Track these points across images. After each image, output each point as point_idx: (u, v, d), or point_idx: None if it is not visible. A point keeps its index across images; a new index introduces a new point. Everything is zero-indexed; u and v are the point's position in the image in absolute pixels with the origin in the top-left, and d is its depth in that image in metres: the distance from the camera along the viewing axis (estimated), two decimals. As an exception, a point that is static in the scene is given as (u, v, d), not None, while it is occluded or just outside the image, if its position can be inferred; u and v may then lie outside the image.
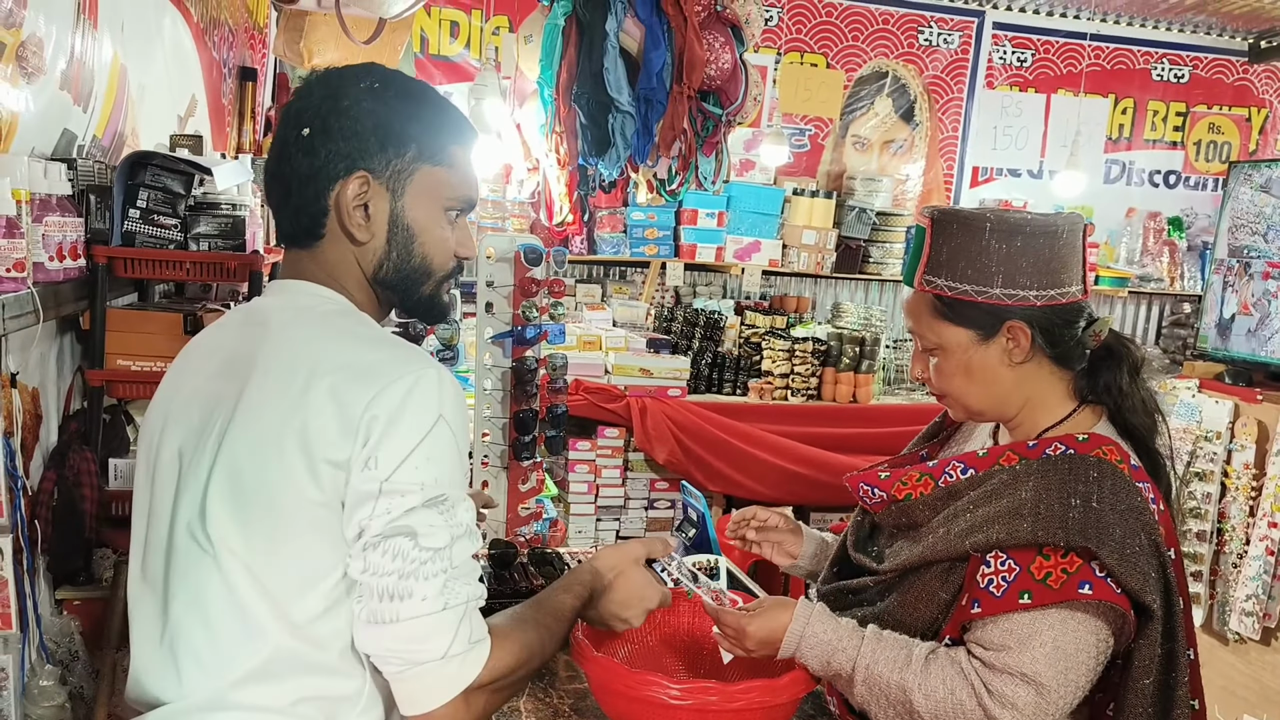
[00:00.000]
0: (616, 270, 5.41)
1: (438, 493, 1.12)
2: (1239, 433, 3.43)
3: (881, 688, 1.41)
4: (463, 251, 1.31)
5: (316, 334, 1.19)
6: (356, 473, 1.10)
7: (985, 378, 1.50)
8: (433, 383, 1.14)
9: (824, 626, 1.46)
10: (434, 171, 1.25)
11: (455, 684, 1.14)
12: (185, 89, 3.04)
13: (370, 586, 1.12)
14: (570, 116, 3.07)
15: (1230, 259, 3.59)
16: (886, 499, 1.55)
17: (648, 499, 4.35)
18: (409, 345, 1.24)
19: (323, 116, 1.20)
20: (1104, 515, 1.35)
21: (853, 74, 5.62)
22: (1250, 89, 6.18)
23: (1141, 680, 1.37)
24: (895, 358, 5.20)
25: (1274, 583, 3.27)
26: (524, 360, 2.30)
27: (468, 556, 1.16)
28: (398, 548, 1.10)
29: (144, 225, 2.20)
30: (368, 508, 1.11)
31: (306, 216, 1.23)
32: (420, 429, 1.12)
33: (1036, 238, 1.45)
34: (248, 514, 1.14)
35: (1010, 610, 1.36)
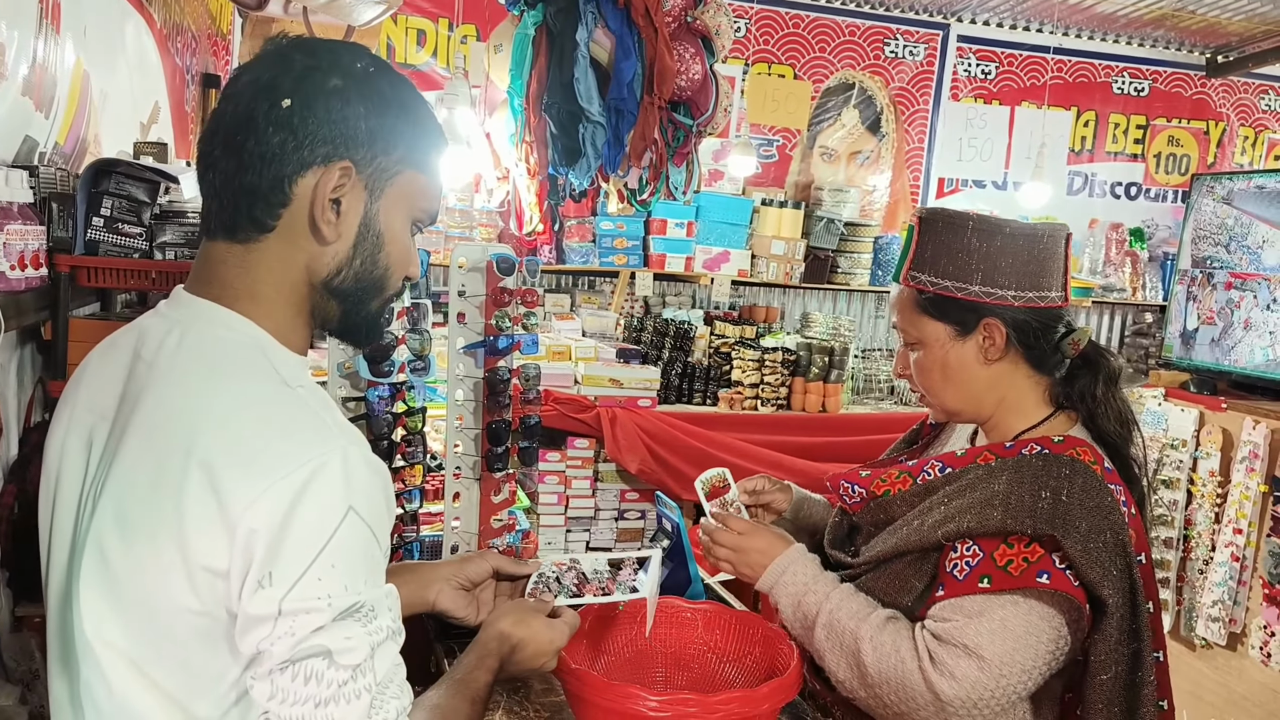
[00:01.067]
0: (585, 280, 5.39)
1: (351, 602, 0.96)
2: (1204, 441, 3.47)
3: (838, 633, 1.47)
4: (412, 271, 1.16)
5: (205, 389, 1.00)
6: (248, 593, 0.93)
7: (961, 374, 1.55)
8: (336, 473, 0.96)
9: (806, 570, 1.55)
10: (415, 178, 1.12)
11: None
12: (148, 95, 3.00)
13: (280, 715, 0.95)
14: (540, 126, 3.06)
15: (1193, 269, 3.64)
16: (866, 496, 1.59)
17: (618, 510, 4.33)
18: (314, 414, 1.01)
19: (307, 90, 1.04)
20: (1071, 508, 1.38)
21: (820, 85, 5.66)
22: (1208, 103, 6.29)
23: (1099, 675, 1.39)
24: (864, 367, 5.22)
25: (1239, 588, 3.31)
26: (496, 371, 2.28)
27: (392, 663, 1.01)
28: (310, 670, 0.94)
29: (108, 234, 2.16)
30: (266, 629, 0.94)
31: (261, 203, 1.04)
32: (323, 531, 0.94)
33: (1016, 239, 1.50)
34: (124, 609, 0.98)
35: (969, 592, 1.40)
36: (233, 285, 1.06)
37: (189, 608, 0.96)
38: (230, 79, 1.09)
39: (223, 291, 1.06)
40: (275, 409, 1.00)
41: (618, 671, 1.61)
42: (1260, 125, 6.38)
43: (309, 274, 1.08)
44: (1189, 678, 3.47)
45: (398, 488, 2.09)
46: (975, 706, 1.37)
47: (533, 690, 1.64)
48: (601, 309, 5.16)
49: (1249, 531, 3.28)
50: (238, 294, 1.06)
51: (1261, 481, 3.25)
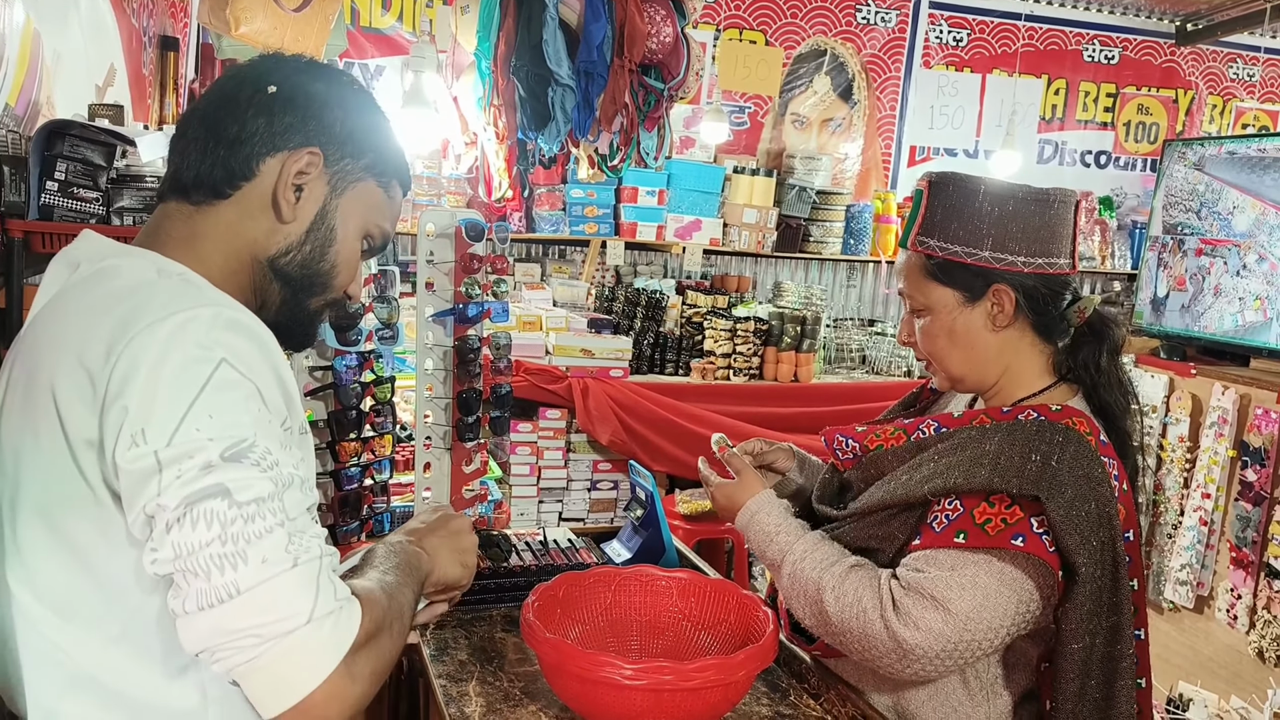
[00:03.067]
0: (556, 249, 5.34)
1: (237, 440, 0.90)
2: (1174, 406, 3.50)
3: (801, 583, 1.49)
4: (354, 290, 1.20)
5: (101, 290, 0.99)
6: (123, 451, 0.89)
7: (968, 341, 1.53)
8: (203, 323, 0.93)
9: (771, 518, 1.57)
10: (376, 191, 1.18)
11: (334, 650, 0.91)
12: (103, 57, 2.91)
13: (188, 569, 0.88)
14: (509, 89, 3.00)
15: (1164, 236, 3.65)
16: (859, 450, 1.59)
17: (590, 480, 4.31)
18: (198, 288, 1.01)
19: (294, 83, 1.11)
20: (1060, 473, 1.37)
21: (791, 51, 5.61)
22: (1177, 71, 6.30)
23: (1071, 644, 1.39)
24: (836, 337, 5.22)
25: (1207, 552, 3.35)
26: (466, 339, 2.24)
27: (304, 510, 0.95)
28: (209, 512, 0.88)
29: (62, 198, 2.10)
30: (150, 487, 0.88)
31: (223, 170, 1.09)
32: (193, 382, 0.90)
33: (1028, 204, 1.48)
34: (29, 526, 0.98)
35: (944, 545, 1.40)
36: (174, 237, 1.09)
37: (81, 496, 0.94)
38: (222, 74, 1.17)
39: (164, 244, 1.08)
40: (152, 283, 1.00)
41: (592, 640, 1.59)
42: (1228, 94, 6.41)
43: (254, 247, 1.11)
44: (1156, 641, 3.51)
45: (367, 458, 2.05)
46: (939, 656, 1.38)
47: (507, 660, 1.62)
48: (572, 279, 5.11)
49: (1217, 496, 3.31)
50: (177, 244, 1.08)
51: (1230, 446, 3.28)
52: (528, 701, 1.49)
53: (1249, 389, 3.24)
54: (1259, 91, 6.43)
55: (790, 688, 1.59)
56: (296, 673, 0.90)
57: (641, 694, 1.32)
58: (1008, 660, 1.50)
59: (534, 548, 2.06)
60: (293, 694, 0.90)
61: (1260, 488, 3.14)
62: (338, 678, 0.91)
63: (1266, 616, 3.09)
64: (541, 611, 1.47)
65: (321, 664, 0.90)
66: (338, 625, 0.92)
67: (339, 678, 0.91)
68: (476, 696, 1.50)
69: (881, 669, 1.44)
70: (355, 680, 0.93)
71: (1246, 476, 3.19)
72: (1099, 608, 1.38)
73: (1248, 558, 3.17)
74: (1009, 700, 1.51)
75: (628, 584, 1.65)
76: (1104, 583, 1.38)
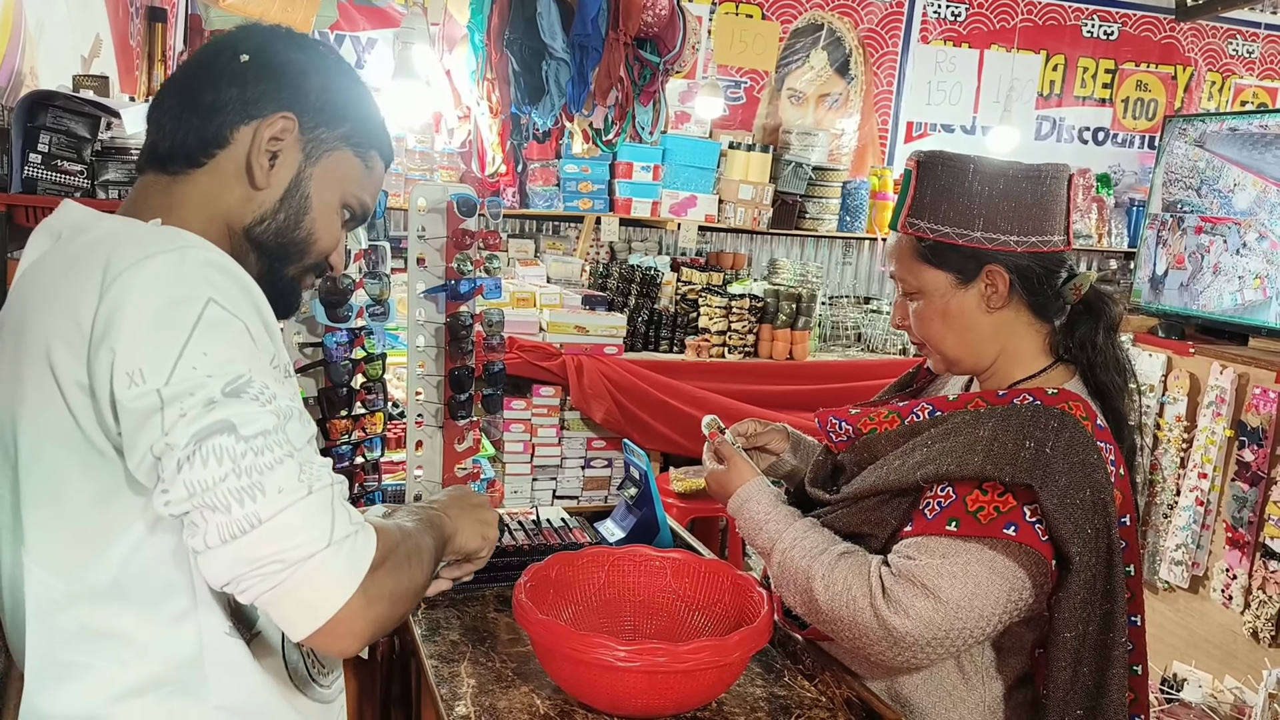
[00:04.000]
0: (550, 225, 5.30)
1: (235, 376, 0.92)
2: (1171, 385, 3.48)
3: (791, 572, 1.47)
4: (335, 259, 1.20)
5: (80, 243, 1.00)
6: (121, 389, 0.90)
7: (962, 323, 1.50)
8: (187, 263, 0.94)
9: (760, 505, 1.56)
10: (353, 161, 1.17)
11: (353, 573, 0.95)
12: (89, 28, 2.86)
13: (206, 505, 0.90)
14: (502, 63, 2.96)
15: (1164, 213, 3.62)
16: (853, 433, 1.57)
17: (584, 458, 4.29)
18: (178, 232, 1.01)
19: (269, 52, 1.11)
20: (1054, 461, 1.35)
21: (788, 25, 5.55)
22: (1177, 47, 6.26)
23: (1064, 633, 1.37)
24: (831, 314, 5.20)
25: (1203, 532, 3.34)
26: (458, 316, 2.21)
27: (306, 441, 0.97)
28: (218, 448, 0.89)
29: (46, 171, 2.05)
30: (154, 424, 0.90)
31: (197, 139, 1.08)
32: (184, 319, 0.92)
33: (1019, 181, 1.45)
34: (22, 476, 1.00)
35: (936, 533, 1.38)
36: (152, 207, 1.08)
37: (75, 443, 0.95)
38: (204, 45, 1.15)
39: (143, 213, 1.08)
40: (135, 229, 1.01)
41: (585, 621, 1.58)
42: (1227, 70, 6.37)
43: (230, 216, 1.11)
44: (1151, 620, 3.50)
45: (358, 436, 2.03)
46: (930, 644, 1.36)
47: (499, 641, 1.60)
48: (566, 255, 5.08)
49: (1213, 476, 3.30)
50: (154, 210, 1.08)
51: (1227, 426, 3.26)
52: (520, 682, 1.47)
53: (1247, 368, 3.22)
54: (1258, 68, 6.39)
55: (785, 669, 1.58)
56: (321, 594, 0.93)
57: (635, 675, 1.31)
58: (1002, 645, 1.48)
59: (527, 527, 2.04)
60: (320, 614, 0.93)
61: (1257, 468, 3.13)
62: (359, 597, 0.95)
63: (1261, 597, 3.08)
64: (534, 592, 1.45)
65: (344, 584, 0.94)
66: (354, 547, 0.96)
67: (360, 597, 0.95)
68: (468, 677, 1.48)
69: (873, 656, 1.43)
70: (373, 601, 0.96)
71: (1244, 456, 3.18)
72: (1092, 596, 1.37)
73: (1243, 538, 3.16)
74: (1003, 685, 1.49)
75: (621, 564, 1.64)
76: (1098, 570, 1.36)
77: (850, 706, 1.46)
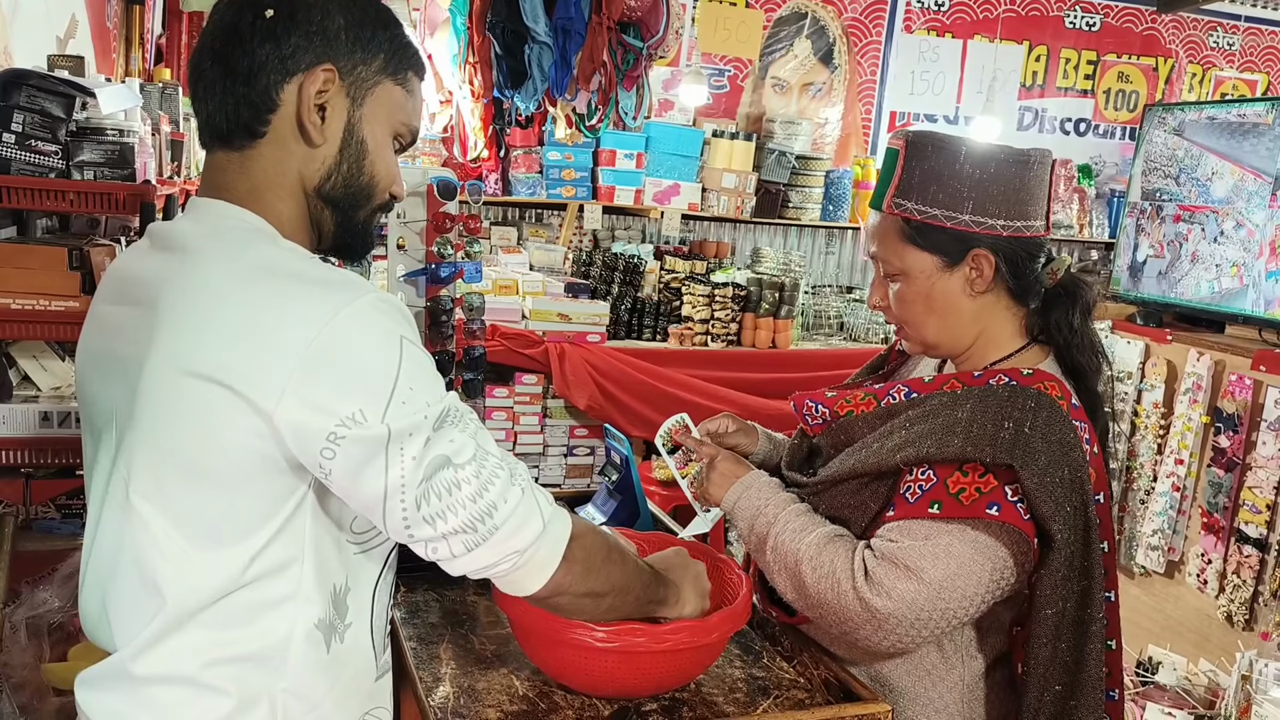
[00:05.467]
0: (532, 213, 5.29)
1: (438, 410, 1.04)
2: (1149, 373, 3.50)
3: (782, 554, 1.47)
4: (396, 189, 1.21)
5: (238, 265, 1.05)
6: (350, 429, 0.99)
7: (945, 306, 1.49)
8: (375, 308, 1.02)
9: (762, 491, 1.54)
10: (394, 90, 1.17)
11: (561, 540, 1.14)
12: (64, 8, 2.83)
13: (451, 529, 1.05)
14: (485, 47, 2.95)
15: (1143, 202, 3.64)
16: (829, 416, 1.55)
17: (567, 446, 4.30)
18: (335, 272, 1.08)
19: (290, 2, 1.09)
20: (1033, 440, 1.35)
21: (772, 14, 5.55)
22: (1158, 38, 6.28)
23: (1044, 610, 1.38)
24: (814, 303, 5.21)
25: (1178, 518, 3.37)
26: (439, 300, 2.20)
27: (491, 439, 1.11)
28: (444, 482, 1.03)
29: (20, 151, 2.03)
30: (379, 465, 1.00)
31: (249, 109, 1.10)
32: (389, 361, 1.01)
33: (1009, 165, 1.44)
34: (165, 471, 1.04)
35: (918, 516, 1.38)
36: (236, 188, 1.12)
37: (251, 447, 1.01)
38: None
39: (229, 194, 1.12)
40: (305, 271, 1.05)
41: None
42: (1208, 62, 6.40)
43: (302, 180, 1.14)
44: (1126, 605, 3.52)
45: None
46: (913, 625, 1.36)
47: (479, 623, 1.60)
48: (549, 243, 5.07)
49: (1190, 462, 3.33)
50: (243, 195, 1.12)
51: (1203, 413, 3.29)
52: (499, 664, 1.47)
53: (1224, 355, 3.25)
54: (1238, 60, 6.42)
55: (764, 650, 1.58)
56: (542, 565, 1.13)
57: (613, 656, 1.31)
58: (981, 624, 1.49)
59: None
60: (542, 578, 1.14)
61: (1232, 454, 3.16)
62: (564, 561, 1.15)
63: (1236, 581, 3.12)
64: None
65: (556, 552, 1.14)
66: (558, 522, 1.14)
67: (564, 561, 1.15)
68: (448, 659, 1.48)
69: (859, 641, 1.42)
70: (572, 561, 1.16)
71: (1219, 443, 3.20)
72: (1071, 573, 1.38)
73: (1219, 523, 3.19)
74: (982, 663, 1.50)
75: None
76: (1076, 548, 1.37)
77: (828, 687, 1.46)
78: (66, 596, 1.98)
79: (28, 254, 2.10)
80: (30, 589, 2.04)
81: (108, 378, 1.11)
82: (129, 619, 1.09)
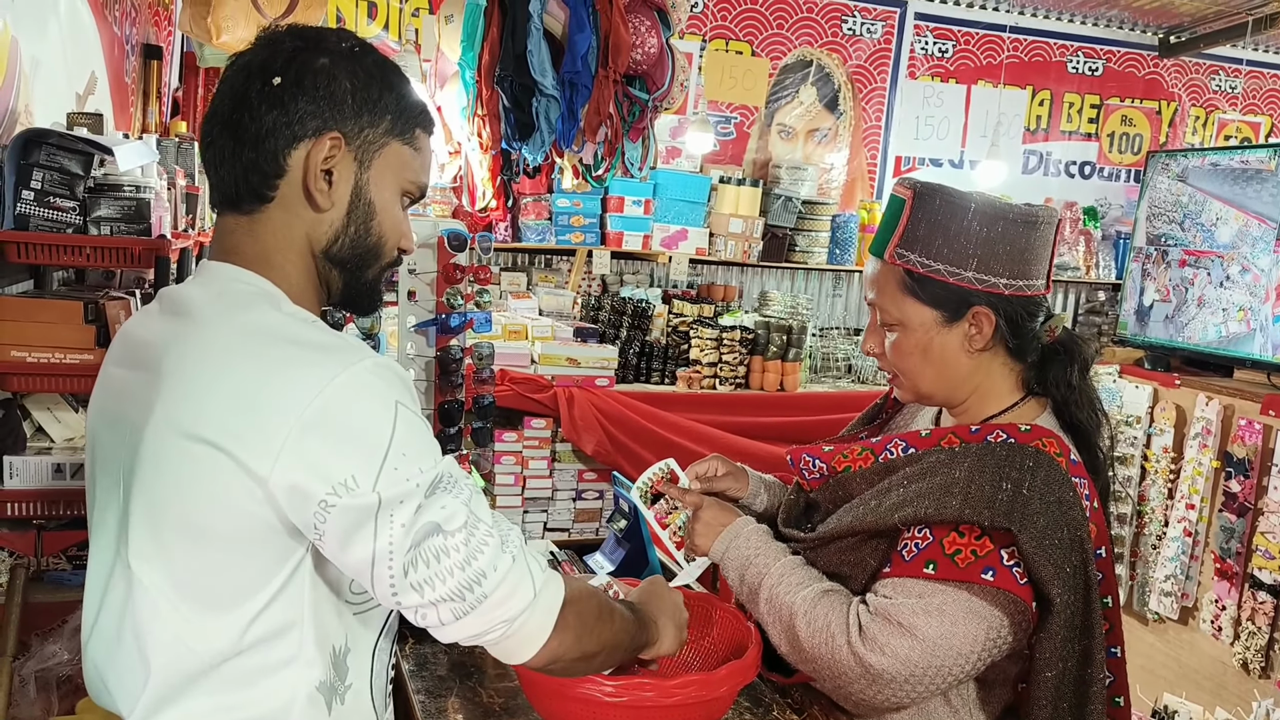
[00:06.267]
0: (542, 258, 5.33)
1: (430, 475, 1.03)
2: (1158, 417, 3.50)
3: (776, 607, 1.46)
4: (405, 244, 1.22)
5: (238, 330, 1.06)
6: (341, 496, 0.99)
7: (942, 361, 1.49)
8: (371, 373, 1.03)
9: (751, 540, 1.53)
10: (402, 150, 1.18)
11: (552, 609, 1.14)
12: (84, 65, 2.88)
13: (438, 597, 1.04)
14: (493, 99, 2.99)
15: (1149, 247, 3.66)
16: (826, 471, 1.54)
17: (575, 490, 4.29)
18: (334, 337, 1.09)
19: (297, 69, 1.10)
20: (1031, 502, 1.34)
21: (777, 62, 5.62)
22: (1160, 82, 6.34)
23: (1044, 672, 1.37)
24: (822, 346, 5.22)
25: (1191, 563, 3.35)
26: (449, 350, 2.22)
27: (485, 505, 1.11)
28: (433, 549, 1.03)
29: (39, 208, 2.07)
30: (368, 527, 1.00)
31: (257, 175, 1.11)
32: (383, 428, 1.01)
33: (1017, 225, 1.43)
34: (164, 535, 1.05)
35: (913, 575, 1.37)
36: (245, 252, 1.14)
37: (248, 512, 1.01)
38: (226, 65, 1.16)
39: (238, 257, 1.14)
40: (304, 336, 1.06)
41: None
42: (1211, 105, 6.45)
43: (310, 243, 1.15)
44: (1141, 652, 3.51)
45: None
46: (907, 682, 1.36)
47: (487, 676, 1.60)
48: (558, 288, 5.10)
49: (1201, 507, 3.32)
50: (251, 259, 1.14)
51: (1214, 457, 3.28)
52: (507, 717, 1.47)
53: (1233, 400, 3.25)
54: (1241, 103, 6.47)
55: (774, 703, 1.58)
56: (534, 634, 1.13)
57: (622, 711, 1.30)
58: (986, 678, 1.48)
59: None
60: (533, 648, 1.14)
61: (1244, 499, 3.15)
62: (556, 629, 1.14)
63: (1250, 628, 3.09)
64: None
65: (547, 621, 1.13)
66: (549, 590, 1.13)
67: (557, 629, 1.14)
68: (455, 712, 1.48)
69: (854, 696, 1.42)
70: (564, 629, 1.15)
71: (1230, 487, 3.19)
72: (1071, 633, 1.36)
73: (1232, 569, 3.17)
74: (988, 717, 1.49)
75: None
76: (1076, 608, 1.36)
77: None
78: (75, 650, 1.99)
79: (44, 308, 2.13)
80: (40, 641, 2.04)
81: (114, 439, 1.12)
82: (127, 686, 1.09)
